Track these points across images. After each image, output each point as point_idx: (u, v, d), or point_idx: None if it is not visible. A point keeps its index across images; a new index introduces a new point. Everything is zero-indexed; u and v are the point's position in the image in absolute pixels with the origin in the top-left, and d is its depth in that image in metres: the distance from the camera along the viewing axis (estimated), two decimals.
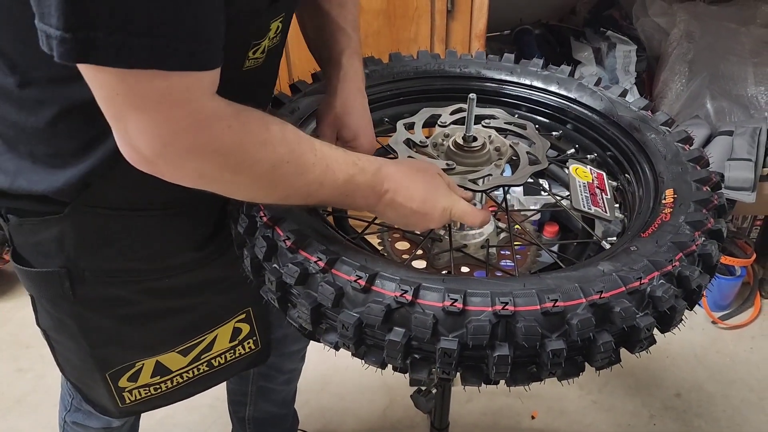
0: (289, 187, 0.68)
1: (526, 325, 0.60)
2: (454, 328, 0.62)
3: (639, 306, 0.65)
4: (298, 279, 0.68)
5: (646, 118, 0.98)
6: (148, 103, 0.57)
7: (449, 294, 0.62)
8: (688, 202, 0.79)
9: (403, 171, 0.74)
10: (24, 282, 0.88)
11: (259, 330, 1.07)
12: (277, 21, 0.75)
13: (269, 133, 0.65)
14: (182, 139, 0.60)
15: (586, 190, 0.90)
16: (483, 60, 1.14)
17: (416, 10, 1.77)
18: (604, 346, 0.62)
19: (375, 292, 0.65)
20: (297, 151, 0.67)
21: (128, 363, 0.97)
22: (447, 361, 0.62)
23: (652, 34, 2.24)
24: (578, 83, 1.07)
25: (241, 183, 0.66)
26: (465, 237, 0.99)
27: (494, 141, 0.93)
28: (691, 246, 0.70)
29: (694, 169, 0.87)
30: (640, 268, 0.66)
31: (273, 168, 0.65)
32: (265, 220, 0.73)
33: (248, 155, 0.64)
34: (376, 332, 0.65)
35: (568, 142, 1.07)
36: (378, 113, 1.11)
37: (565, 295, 0.62)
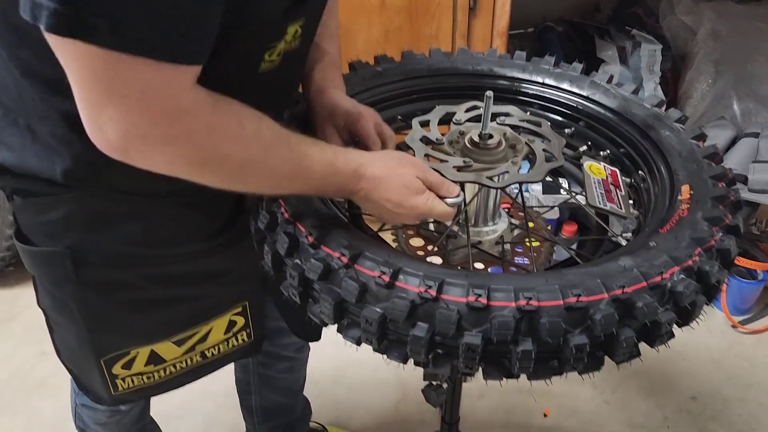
0: (259, 181, 0.70)
1: (549, 321, 0.61)
2: (478, 323, 0.63)
3: (661, 301, 0.65)
4: (321, 275, 0.69)
5: (660, 116, 0.99)
6: (130, 90, 0.58)
7: (473, 289, 0.63)
8: (705, 198, 0.79)
9: (382, 172, 0.75)
10: (27, 262, 0.89)
11: (253, 323, 1.08)
12: (296, 25, 0.76)
13: (243, 129, 0.66)
14: (156, 130, 0.61)
15: (601, 186, 0.91)
16: (495, 58, 1.15)
17: (438, 7, 1.77)
18: (627, 342, 0.63)
19: (398, 287, 0.65)
20: (270, 148, 0.68)
21: (123, 350, 0.98)
22: (470, 356, 0.63)
23: (678, 32, 2.22)
24: (590, 81, 1.08)
25: (209, 176, 0.68)
26: (480, 233, 1.00)
27: (510, 138, 0.94)
28: (710, 241, 0.71)
29: (709, 165, 0.88)
30: (661, 263, 0.67)
31: (243, 164, 0.67)
32: (287, 216, 0.74)
33: (218, 150, 0.65)
34: (399, 327, 0.66)
35: (581, 140, 1.08)
36: (390, 111, 1.12)
37: (588, 291, 0.63)
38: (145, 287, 0.92)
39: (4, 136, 0.79)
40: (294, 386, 1.45)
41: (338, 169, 0.73)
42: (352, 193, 0.75)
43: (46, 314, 0.97)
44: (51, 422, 1.71)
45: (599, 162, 0.96)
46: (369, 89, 1.09)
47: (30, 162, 0.78)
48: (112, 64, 0.56)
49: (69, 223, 0.82)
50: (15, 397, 1.80)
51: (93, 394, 1.05)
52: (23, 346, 1.92)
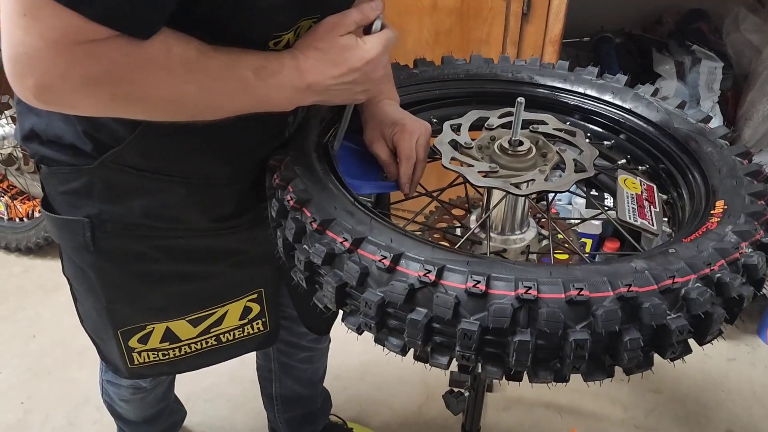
0: (194, 105, 0.70)
1: (548, 311, 0.60)
2: (476, 310, 0.62)
3: (671, 306, 0.63)
4: (324, 259, 0.70)
5: (704, 131, 0.96)
6: (51, 33, 0.58)
7: (472, 276, 0.62)
8: (739, 213, 0.76)
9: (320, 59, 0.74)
10: (51, 229, 0.94)
11: (269, 312, 1.09)
12: (310, 20, 0.77)
13: (170, 58, 0.65)
14: (73, 73, 0.61)
15: (634, 201, 0.88)
16: (536, 66, 1.14)
17: (490, 11, 1.77)
18: (631, 344, 0.61)
19: (399, 271, 0.65)
20: (196, 69, 0.67)
21: (140, 324, 1.01)
22: (467, 344, 0.62)
23: (743, 50, 2.14)
24: (634, 93, 1.05)
25: (136, 108, 0.68)
26: (506, 242, 0.98)
27: (541, 147, 0.93)
28: (734, 254, 0.68)
29: (750, 183, 0.84)
30: (676, 268, 0.64)
31: (171, 93, 0.67)
32: (292, 204, 0.75)
33: (147, 80, 0.65)
34: (398, 313, 0.66)
35: (620, 153, 1.05)
36: (426, 113, 1.13)
37: (591, 286, 0.61)
38: (158, 259, 0.95)
39: None
40: (314, 377, 1.46)
41: (273, 66, 0.72)
42: (301, 87, 0.74)
43: (70, 283, 1.02)
44: (85, 392, 1.79)
45: (635, 176, 0.93)
46: (403, 87, 1.10)
47: (56, 126, 0.83)
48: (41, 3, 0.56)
49: (89, 193, 0.87)
50: (55, 364, 1.90)
51: (112, 365, 1.09)
52: (67, 316, 1.98)
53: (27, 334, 2.00)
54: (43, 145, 0.85)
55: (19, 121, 0.88)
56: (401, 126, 0.92)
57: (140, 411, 1.30)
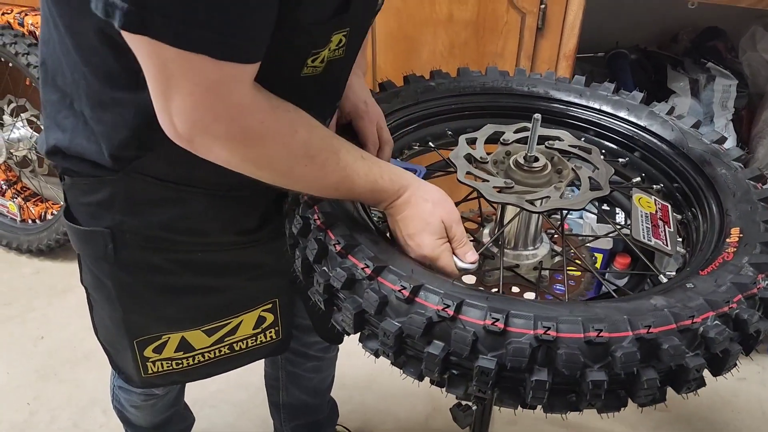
0: (305, 185, 0.76)
1: (567, 353, 0.60)
2: (494, 347, 0.62)
3: (690, 345, 0.63)
4: (345, 283, 0.70)
5: (719, 152, 0.95)
6: (195, 86, 0.63)
7: (491, 313, 0.62)
8: (755, 243, 0.76)
9: (418, 200, 0.78)
10: (72, 239, 0.94)
11: (282, 321, 1.10)
12: (340, 34, 0.78)
13: (294, 135, 0.71)
14: (217, 126, 0.66)
15: (648, 221, 0.88)
16: (552, 80, 1.13)
17: (506, 25, 1.77)
18: (648, 383, 0.61)
19: (418, 303, 0.65)
20: (317, 156, 0.73)
21: (156, 334, 1.02)
22: (483, 380, 0.62)
23: (759, 69, 2.12)
24: (649, 111, 1.05)
25: (261, 173, 0.73)
26: (518, 257, 0.98)
27: (557, 163, 0.92)
28: (753, 288, 0.68)
29: (765, 209, 0.84)
30: (695, 306, 0.64)
31: (291, 167, 0.72)
32: (319, 224, 0.75)
33: (270, 151, 0.70)
34: (416, 343, 0.66)
35: (635, 170, 1.05)
36: (441, 126, 1.12)
37: (611, 326, 0.61)
38: (177, 272, 0.95)
39: (59, 119, 0.84)
40: (320, 386, 1.47)
41: (381, 187, 0.78)
42: (383, 205, 0.79)
43: (88, 292, 1.03)
44: (92, 394, 1.80)
45: (650, 195, 0.93)
46: (421, 102, 1.10)
47: (80, 143, 0.83)
48: (178, 60, 0.61)
49: (110, 205, 0.87)
50: (63, 366, 1.90)
51: (124, 375, 1.09)
52: (76, 318, 2.03)
53: (35, 335, 2.01)
54: (66, 159, 0.86)
55: (44, 135, 0.88)
56: (361, 112, 0.95)
57: (150, 417, 1.31)
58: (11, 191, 2.40)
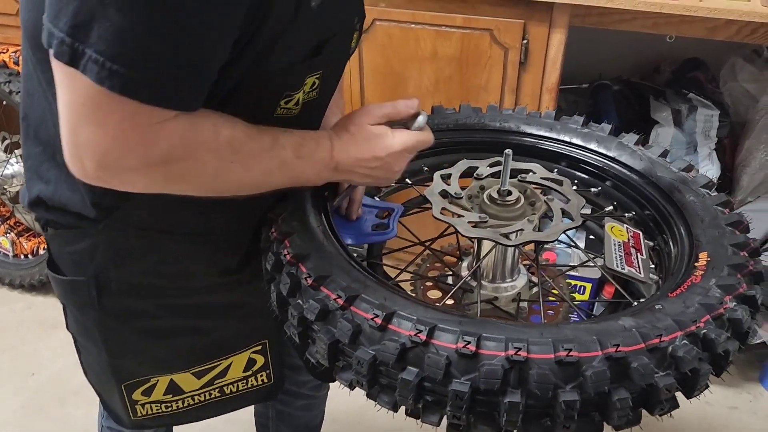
0: (239, 184, 0.76)
1: (539, 373, 0.62)
2: (467, 370, 0.64)
3: (659, 365, 0.65)
4: (318, 315, 0.72)
5: (687, 180, 1.00)
6: (109, 121, 0.63)
7: (463, 336, 0.64)
8: (722, 266, 0.79)
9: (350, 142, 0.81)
10: (56, 289, 0.96)
11: (273, 364, 1.11)
12: (314, 77, 0.81)
13: (219, 138, 0.70)
14: (130, 157, 0.66)
15: (621, 249, 0.91)
16: (523, 115, 1.18)
17: (489, 60, 1.85)
18: (621, 403, 0.63)
19: (391, 330, 0.68)
20: (244, 149, 0.72)
21: (144, 377, 1.03)
22: (458, 404, 0.64)
23: (740, 99, 2.22)
24: (618, 142, 1.09)
25: (186, 186, 0.73)
26: (497, 290, 1.01)
27: (530, 196, 0.96)
28: (719, 309, 0.71)
29: (732, 233, 0.87)
30: (663, 326, 0.67)
31: (217, 172, 0.72)
32: (289, 258, 0.78)
33: (194, 163, 0.71)
34: (390, 371, 0.68)
35: (607, 199, 1.09)
36: (417, 162, 1.16)
37: (581, 346, 0.64)
38: (163, 317, 0.97)
39: (41, 171, 0.87)
40: (311, 424, 1.47)
41: (309, 144, 0.78)
42: (330, 166, 0.80)
43: (75, 338, 1.04)
44: (80, 430, 1.80)
45: (622, 224, 0.97)
46: None
47: (63, 194, 0.86)
48: (99, 98, 0.62)
49: (93, 255, 0.89)
50: (51, 401, 1.92)
51: (114, 415, 1.10)
52: (65, 355, 2.04)
53: (26, 371, 2.03)
54: (49, 211, 0.88)
55: (27, 187, 0.91)
56: None
57: None
58: (4, 226, 2.45)
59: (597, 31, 1.81)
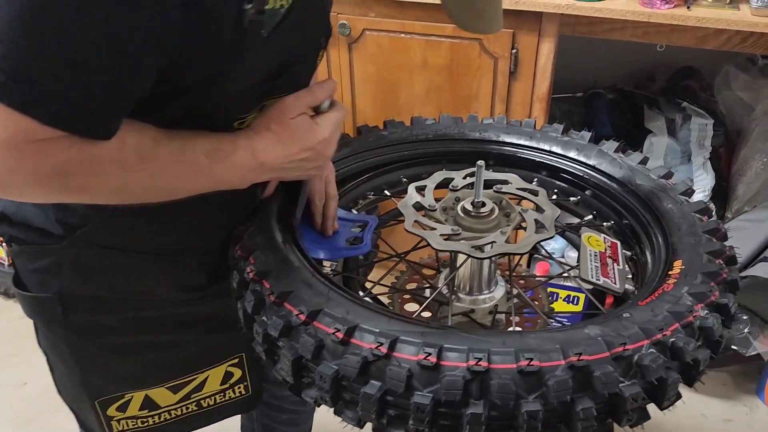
0: (145, 191, 0.74)
1: (500, 383, 0.62)
2: (429, 383, 0.64)
3: (625, 374, 0.65)
4: (281, 331, 0.72)
5: (666, 187, 1.00)
6: (6, 136, 0.61)
7: (424, 348, 0.64)
8: (695, 274, 0.79)
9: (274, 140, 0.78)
10: (22, 306, 0.96)
11: (250, 376, 1.12)
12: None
13: (124, 149, 0.68)
14: (20, 171, 0.64)
15: (597, 259, 0.91)
16: (503, 125, 1.19)
17: (478, 69, 1.86)
18: (585, 413, 0.63)
19: (353, 344, 0.68)
20: (149, 158, 0.70)
21: (117, 394, 1.03)
22: (420, 417, 0.64)
23: (734, 108, 2.23)
24: (598, 150, 1.10)
25: (90, 198, 0.73)
26: (475, 302, 1.01)
27: (505, 207, 0.97)
28: (689, 317, 0.71)
29: (709, 241, 0.87)
30: (629, 334, 0.67)
31: (123, 181, 0.71)
32: (252, 275, 0.78)
33: (93, 176, 0.68)
34: (353, 385, 0.68)
35: (587, 208, 1.09)
36: (396, 173, 1.17)
37: (543, 355, 0.64)
38: (130, 331, 0.97)
39: None
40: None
41: (226, 148, 0.75)
42: (254, 167, 0.78)
43: (46, 354, 1.04)
44: None
45: (599, 234, 0.97)
46: (373, 150, 1.15)
47: (28, 209, 0.87)
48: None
49: (58, 271, 0.90)
50: (43, 412, 1.92)
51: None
52: None
53: (18, 381, 2.04)
54: (13, 226, 0.89)
55: None
56: None
57: None
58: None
59: (591, 40, 1.83)
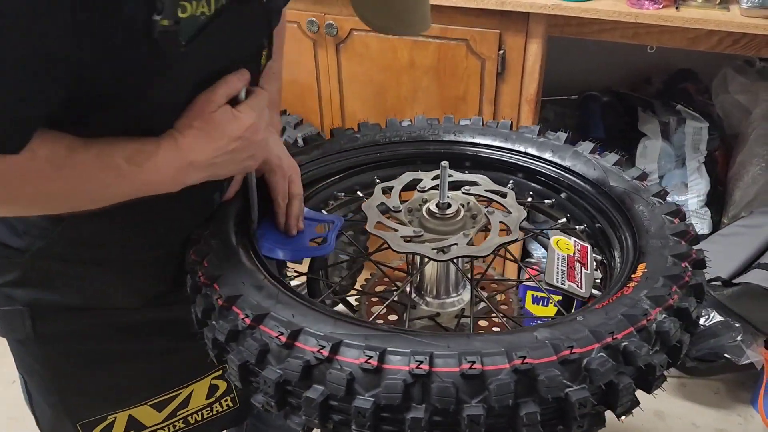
0: (65, 199, 0.74)
1: (440, 386, 0.62)
2: (371, 386, 0.64)
3: (573, 378, 0.64)
4: (228, 335, 0.72)
5: (639, 189, 0.99)
6: None
7: (366, 351, 0.64)
8: (657, 277, 0.78)
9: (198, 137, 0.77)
10: None
11: (236, 388, 1.10)
12: None
13: (35, 160, 0.67)
14: None
15: (565, 263, 0.91)
16: (479, 126, 1.18)
17: (466, 70, 1.86)
18: (528, 418, 0.62)
19: (297, 348, 0.68)
20: (65, 166, 0.70)
21: (100, 415, 1.02)
22: (361, 422, 0.64)
23: (732, 111, 2.22)
24: (573, 151, 1.09)
25: (7, 210, 0.73)
26: (442, 305, 1.01)
27: (472, 209, 0.96)
28: (643, 321, 0.70)
29: (677, 243, 0.86)
30: (579, 338, 0.66)
31: (39, 191, 0.70)
32: (203, 279, 0.78)
33: (3, 190, 0.68)
34: (297, 390, 0.68)
35: (561, 211, 1.09)
36: (369, 174, 1.17)
37: (487, 359, 0.63)
38: (102, 339, 0.96)
39: None
40: None
41: (148, 150, 0.74)
42: (182, 167, 0.77)
43: (24, 379, 1.03)
44: None
45: (570, 237, 0.96)
46: (345, 151, 1.15)
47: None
48: None
49: (23, 284, 0.90)
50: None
51: None
52: None
53: (8, 379, 2.05)
54: None
55: None
56: (273, 166, 0.96)
57: None
58: None
59: (587, 43, 1.82)
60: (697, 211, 2.07)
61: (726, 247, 1.91)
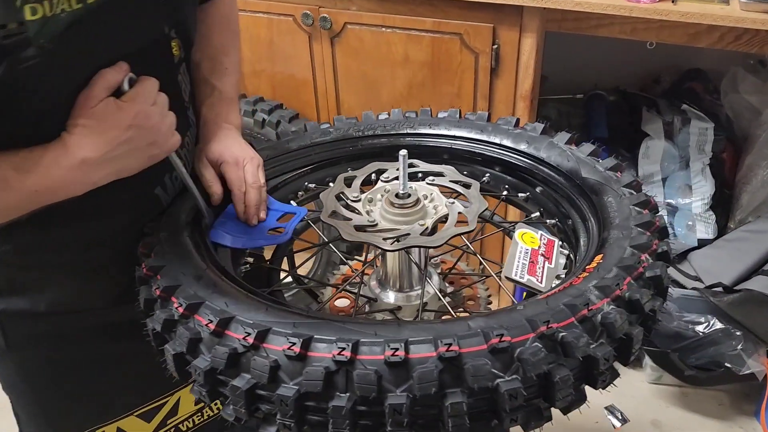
0: None
1: (361, 374, 0.61)
2: (295, 374, 0.64)
3: (505, 368, 0.63)
4: (164, 325, 0.73)
5: (611, 180, 0.98)
6: None
7: (290, 338, 0.64)
8: (611, 267, 0.77)
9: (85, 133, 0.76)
10: None
11: None
12: None
13: None
14: None
15: (527, 257, 0.90)
16: (455, 118, 1.18)
17: (460, 65, 1.86)
18: (454, 408, 0.61)
19: (227, 336, 0.68)
20: None
21: (88, 429, 1.02)
22: (285, 411, 0.64)
23: (742, 112, 2.18)
24: (549, 141, 1.08)
25: None
26: (407, 299, 1.00)
27: (434, 199, 0.96)
28: (583, 310, 0.69)
29: (640, 234, 0.85)
30: (512, 326, 0.65)
31: None
32: (145, 272, 0.80)
33: None
34: (227, 379, 0.68)
35: (535, 205, 1.08)
36: (343, 166, 1.17)
37: (413, 346, 0.63)
38: (75, 340, 0.97)
39: None
40: None
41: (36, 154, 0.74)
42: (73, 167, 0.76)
43: (10, 400, 1.04)
44: None
45: (536, 231, 0.95)
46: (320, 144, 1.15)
47: None
48: None
49: None
50: None
51: None
52: None
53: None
54: None
55: None
56: (226, 158, 0.97)
57: None
58: None
59: (596, 40, 1.80)
60: (701, 214, 2.03)
61: (730, 252, 1.87)
